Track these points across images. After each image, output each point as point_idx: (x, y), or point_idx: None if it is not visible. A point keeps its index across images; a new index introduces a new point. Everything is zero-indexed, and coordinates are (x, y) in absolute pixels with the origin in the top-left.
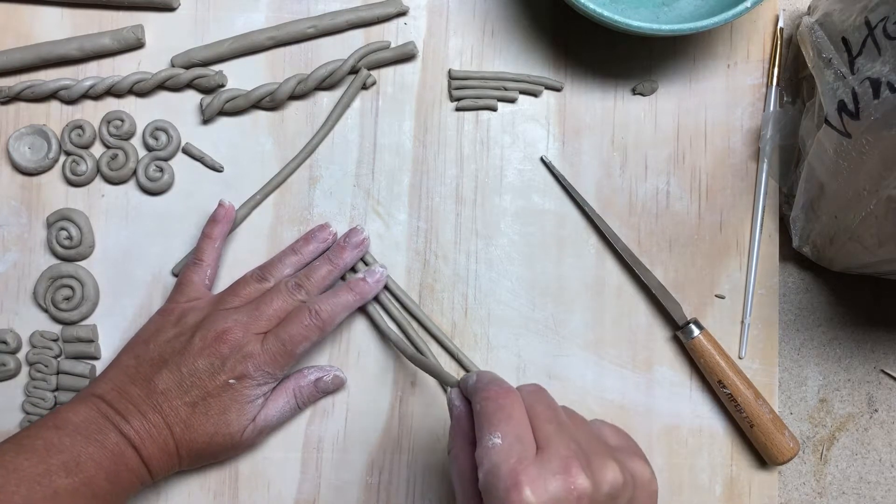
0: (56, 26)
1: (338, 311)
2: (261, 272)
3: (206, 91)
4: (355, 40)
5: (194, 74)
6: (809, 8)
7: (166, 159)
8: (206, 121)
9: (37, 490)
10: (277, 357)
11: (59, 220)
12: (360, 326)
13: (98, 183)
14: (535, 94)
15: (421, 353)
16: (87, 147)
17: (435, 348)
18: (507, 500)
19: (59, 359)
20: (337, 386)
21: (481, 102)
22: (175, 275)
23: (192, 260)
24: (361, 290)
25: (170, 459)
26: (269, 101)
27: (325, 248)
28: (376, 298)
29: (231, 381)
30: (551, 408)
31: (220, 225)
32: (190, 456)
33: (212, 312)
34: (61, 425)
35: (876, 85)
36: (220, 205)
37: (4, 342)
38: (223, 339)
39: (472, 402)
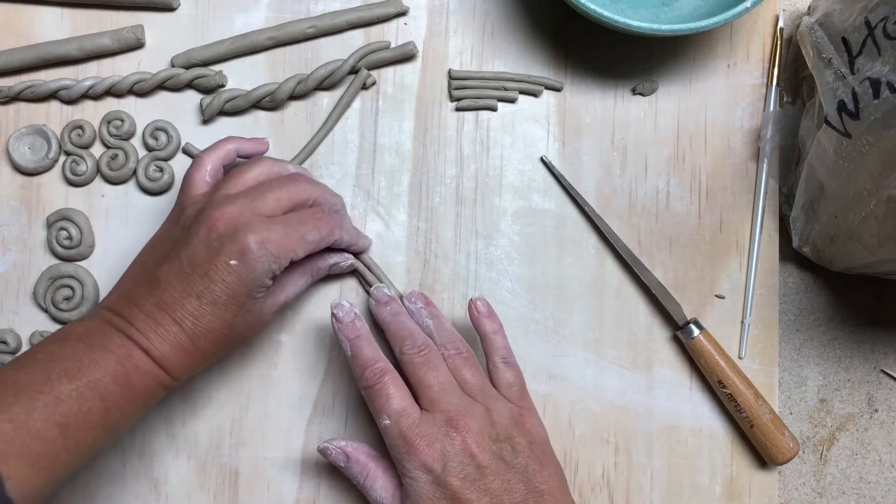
0: (56, 26)
1: (347, 228)
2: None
3: (206, 91)
4: (355, 40)
5: (194, 74)
6: (809, 8)
7: (166, 159)
8: (206, 121)
9: (38, 398)
10: (284, 238)
11: (59, 220)
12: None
13: (98, 183)
14: (535, 94)
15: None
16: (87, 147)
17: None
18: None
19: None
20: (348, 270)
21: (481, 102)
22: None
23: (194, 160)
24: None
25: (188, 357)
26: (269, 102)
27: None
28: None
29: (232, 262)
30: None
31: (245, 143)
32: (215, 347)
33: (209, 201)
34: (64, 338)
35: (876, 85)
36: (260, 140)
37: (4, 342)
38: (221, 218)
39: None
